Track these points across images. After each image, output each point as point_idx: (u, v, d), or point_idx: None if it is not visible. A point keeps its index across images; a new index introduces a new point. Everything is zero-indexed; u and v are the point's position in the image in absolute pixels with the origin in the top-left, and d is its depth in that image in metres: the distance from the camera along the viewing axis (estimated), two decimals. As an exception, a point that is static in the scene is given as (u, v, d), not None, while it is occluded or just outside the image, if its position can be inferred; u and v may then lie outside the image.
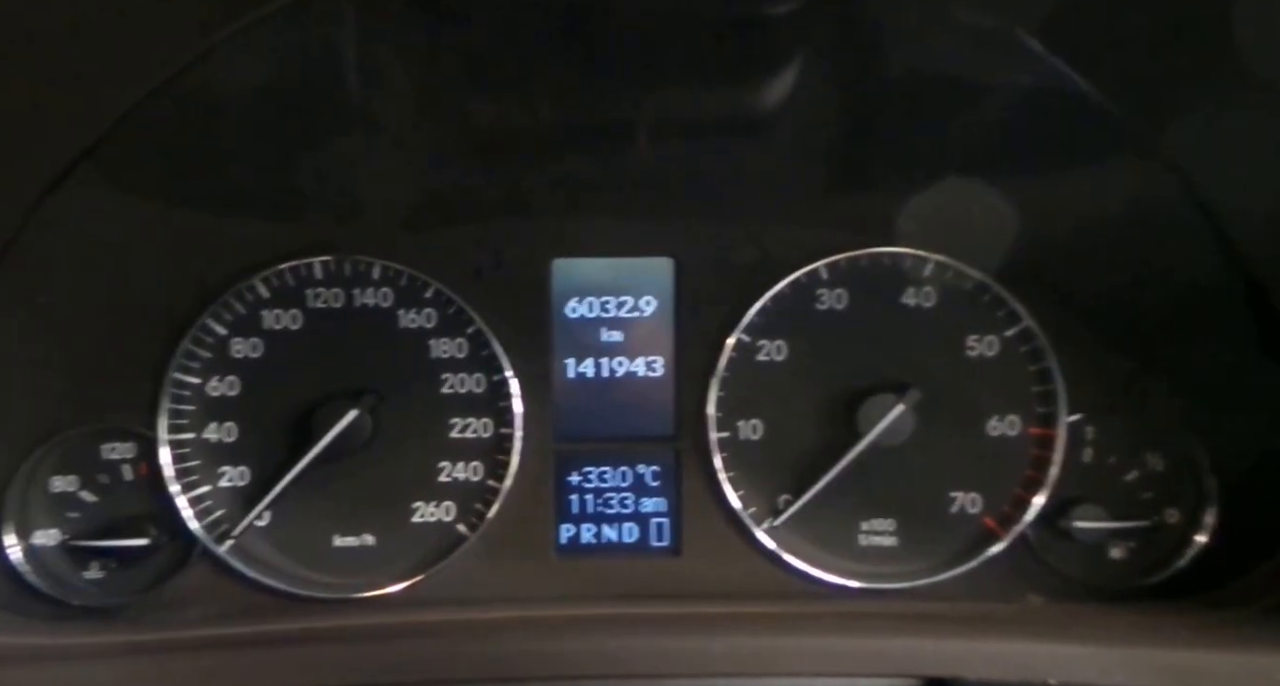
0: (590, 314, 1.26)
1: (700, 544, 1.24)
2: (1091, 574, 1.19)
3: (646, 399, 1.27)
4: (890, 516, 1.23)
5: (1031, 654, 0.91)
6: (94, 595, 1.16)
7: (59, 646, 1.03)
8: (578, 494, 1.25)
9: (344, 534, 1.22)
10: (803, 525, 1.22)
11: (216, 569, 1.18)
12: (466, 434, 1.24)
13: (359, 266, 1.21)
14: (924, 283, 1.21)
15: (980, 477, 1.22)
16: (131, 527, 1.16)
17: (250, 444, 1.20)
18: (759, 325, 1.23)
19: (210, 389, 1.20)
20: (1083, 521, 1.16)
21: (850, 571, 1.20)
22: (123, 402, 1.17)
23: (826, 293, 1.22)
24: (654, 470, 1.26)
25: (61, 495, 1.17)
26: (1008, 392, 1.21)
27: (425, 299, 1.22)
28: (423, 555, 1.22)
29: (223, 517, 1.19)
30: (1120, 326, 1.18)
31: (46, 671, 0.96)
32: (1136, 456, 1.20)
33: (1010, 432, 1.21)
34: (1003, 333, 1.21)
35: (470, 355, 1.23)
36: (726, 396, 1.23)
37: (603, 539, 1.25)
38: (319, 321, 1.21)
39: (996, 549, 1.19)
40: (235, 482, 1.20)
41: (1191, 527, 1.16)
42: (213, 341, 1.20)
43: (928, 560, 1.21)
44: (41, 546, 1.15)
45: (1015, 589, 1.19)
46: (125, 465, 1.18)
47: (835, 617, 1.10)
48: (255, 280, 1.19)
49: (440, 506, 1.23)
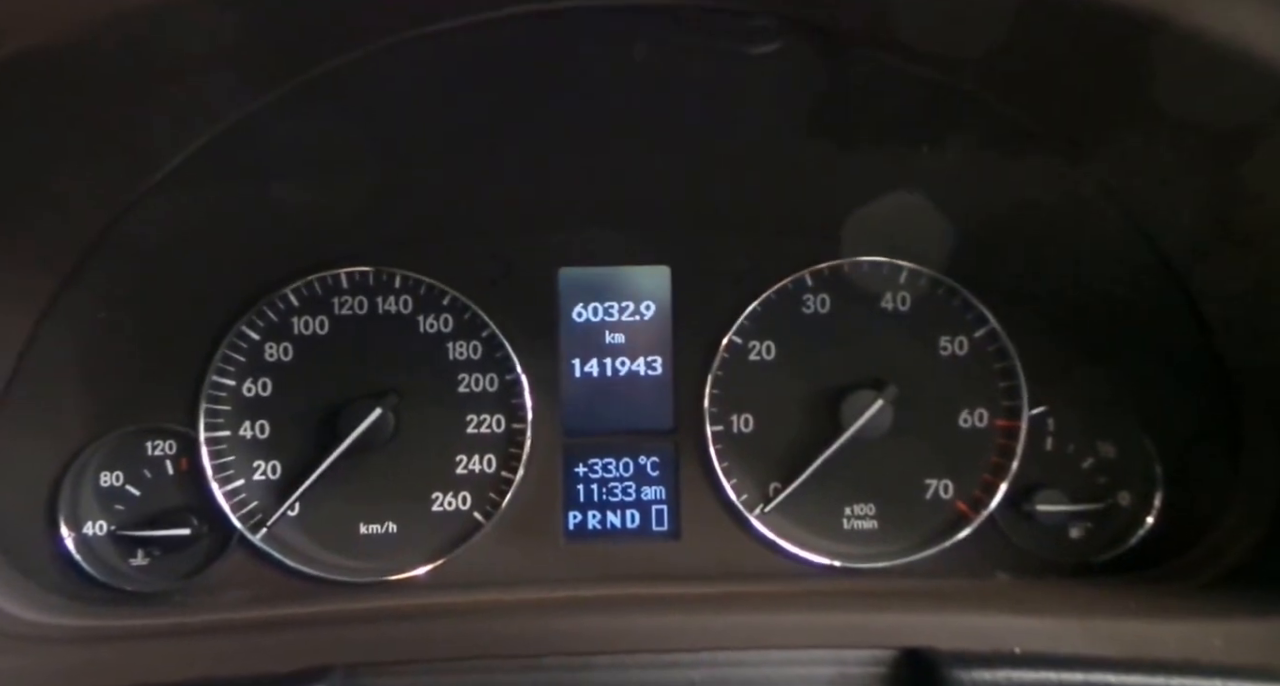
0: (595, 318, 1.30)
1: (697, 528, 1.28)
2: (1053, 552, 1.25)
3: (647, 396, 1.31)
4: (871, 501, 1.28)
5: (998, 625, 0.94)
6: (141, 581, 1.20)
7: (110, 627, 1.07)
8: (584, 483, 1.29)
9: (369, 522, 1.26)
10: (791, 510, 1.27)
11: (252, 556, 1.23)
12: (481, 429, 1.28)
13: (382, 276, 1.26)
14: (899, 288, 1.28)
15: (952, 465, 1.27)
16: (174, 518, 1.20)
17: (282, 440, 1.25)
18: (749, 328, 1.28)
19: (245, 390, 1.25)
20: (1044, 504, 1.22)
21: (835, 552, 1.25)
22: (165, 404, 1.22)
23: (811, 298, 1.28)
24: (654, 461, 1.30)
25: (109, 489, 1.21)
26: (976, 388, 1.27)
27: (443, 305, 1.27)
28: (441, 541, 1.26)
29: (257, 508, 1.24)
30: (1073, 328, 1.24)
31: (100, 650, 1.00)
32: (1092, 445, 1.26)
33: (979, 424, 1.27)
34: (971, 333, 1.27)
35: (484, 357, 1.28)
36: (720, 393, 1.28)
37: (607, 525, 1.29)
38: (345, 327, 1.26)
39: (967, 530, 1.25)
40: (268, 476, 1.25)
41: (1141, 509, 1.23)
42: (247, 346, 1.25)
43: (906, 541, 1.26)
44: (92, 536, 1.20)
45: (984, 566, 1.24)
46: (167, 461, 1.23)
47: (821, 595, 1.14)
48: (286, 290, 1.24)
49: (457, 496, 1.28)
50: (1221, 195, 0.94)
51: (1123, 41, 0.76)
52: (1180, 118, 0.80)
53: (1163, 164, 0.93)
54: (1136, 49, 0.76)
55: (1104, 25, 0.74)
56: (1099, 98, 0.88)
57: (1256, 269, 0.99)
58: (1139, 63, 0.77)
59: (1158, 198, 1.02)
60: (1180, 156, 0.90)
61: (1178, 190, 0.97)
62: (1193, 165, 0.90)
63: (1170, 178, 0.95)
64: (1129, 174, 0.99)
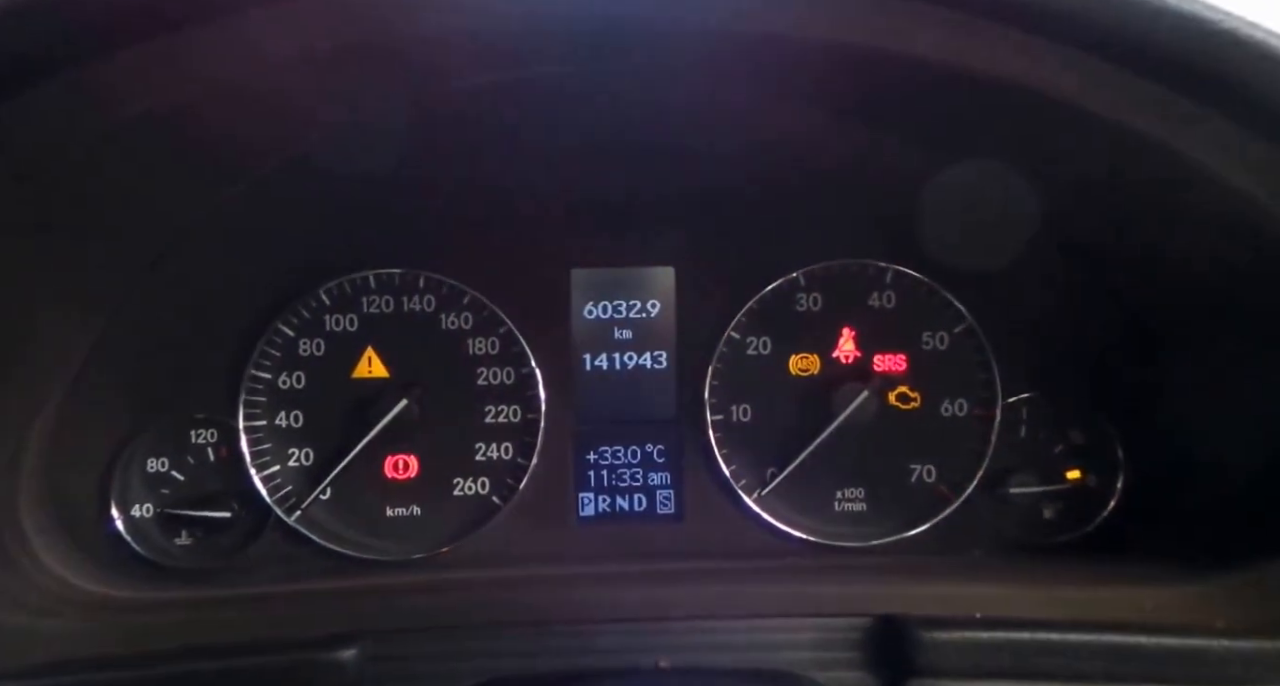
0: (604, 315, 1.36)
1: (699, 511, 1.34)
2: (1026, 531, 1.31)
3: (652, 388, 1.36)
4: (860, 485, 1.34)
5: (964, 594, 1.02)
6: (184, 559, 1.27)
7: (159, 599, 1.14)
8: (594, 469, 1.35)
9: (394, 506, 1.32)
10: (787, 494, 1.33)
11: (287, 536, 1.29)
12: (498, 419, 1.34)
13: (406, 277, 1.32)
14: (885, 288, 1.33)
15: (935, 451, 1.34)
16: (215, 501, 1.26)
17: (315, 429, 1.31)
18: (748, 324, 1.34)
19: (281, 382, 1.30)
20: (1018, 487, 1.29)
21: (826, 532, 1.32)
22: (208, 396, 1.29)
23: (804, 296, 1.34)
24: (659, 448, 1.35)
25: (156, 474, 1.27)
26: (956, 380, 1.33)
27: (463, 304, 1.32)
28: (462, 523, 1.32)
29: (291, 492, 1.29)
30: (1042, 326, 1.30)
31: (149, 617, 1.08)
32: (1061, 432, 1.33)
33: (959, 413, 1.33)
34: (951, 329, 1.33)
35: (501, 351, 1.33)
36: (720, 385, 1.34)
37: (616, 507, 1.35)
38: (372, 324, 1.32)
39: (947, 511, 1.31)
40: (302, 462, 1.31)
41: (1106, 491, 1.30)
42: (283, 342, 1.30)
43: (891, 522, 1.33)
44: (140, 517, 1.26)
45: (963, 544, 1.31)
46: (209, 448, 1.29)
47: (807, 569, 1.21)
48: (319, 290, 1.30)
49: (477, 481, 1.33)
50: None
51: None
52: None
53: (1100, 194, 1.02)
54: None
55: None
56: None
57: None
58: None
59: (1098, 230, 1.12)
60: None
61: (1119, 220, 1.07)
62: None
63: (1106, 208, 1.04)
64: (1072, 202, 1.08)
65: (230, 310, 1.28)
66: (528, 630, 1.00)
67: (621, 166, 1.22)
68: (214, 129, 0.92)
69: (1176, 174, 0.86)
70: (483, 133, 1.14)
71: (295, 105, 0.94)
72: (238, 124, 0.93)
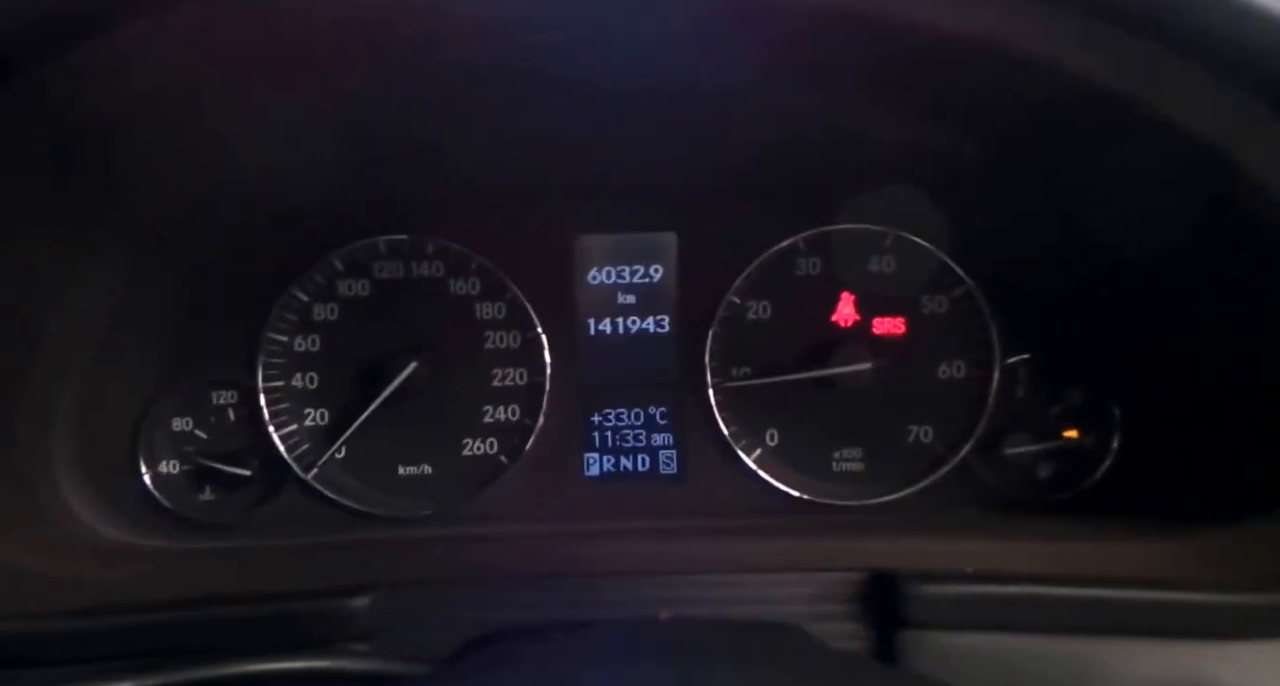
0: (608, 281, 1.38)
1: (701, 471, 1.37)
2: (1022, 489, 1.33)
3: (655, 351, 1.37)
4: (858, 446, 1.36)
5: (956, 550, 1.05)
6: (208, 513, 1.32)
7: (184, 549, 1.21)
8: (599, 430, 1.38)
9: (406, 464, 1.36)
10: (785, 454, 1.36)
11: (304, 493, 1.33)
12: (506, 382, 1.36)
13: (416, 243, 1.35)
14: (884, 253, 1.34)
15: (932, 413, 1.35)
16: (237, 459, 1.31)
17: (329, 390, 1.34)
18: (748, 289, 1.35)
19: (297, 345, 1.34)
20: (1014, 447, 1.30)
21: (825, 491, 1.34)
22: (228, 358, 1.32)
23: (803, 261, 1.35)
24: (662, 410, 1.38)
25: (181, 433, 1.32)
26: (954, 342, 1.34)
27: (471, 270, 1.35)
28: (471, 481, 1.36)
29: (308, 451, 1.34)
30: (1041, 288, 1.31)
31: (175, 566, 1.15)
32: (1058, 393, 1.34)
33: (957, 375, 1.35)
34: (950, 293, 1.34)
35: (508, 316, 1.36)
36: (720, 348, 1.36)
37: (620, 467, 1.38)
38: (384, 289, 1.35)
39: (944, 470, 1.33)
40: (318, 422, 1.35)
41: (1102, 451, 1.31)
42: (298, 306, 1.34)
43: (888, 481, 1.34)
44: (167, 473, 1.32)
45: (959, 503, 1.33)
46: (230, 408, 1.33)
47: (804, 527, 1.23)
48: (332, 256, 1.33)
49: (485, 441, 1.37)
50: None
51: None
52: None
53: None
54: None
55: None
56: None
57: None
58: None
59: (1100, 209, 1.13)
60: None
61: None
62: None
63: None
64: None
65: (247, 276, 1.32)
66: (533, 583, 1.04)
67: (625, 136, 1.23)
68: (228, 96, 0.95)
69: (1161, 131, 0.86)
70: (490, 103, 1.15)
71: (304, 72, 0.96)
72: (249, 91, 0.96)
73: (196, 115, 0.97)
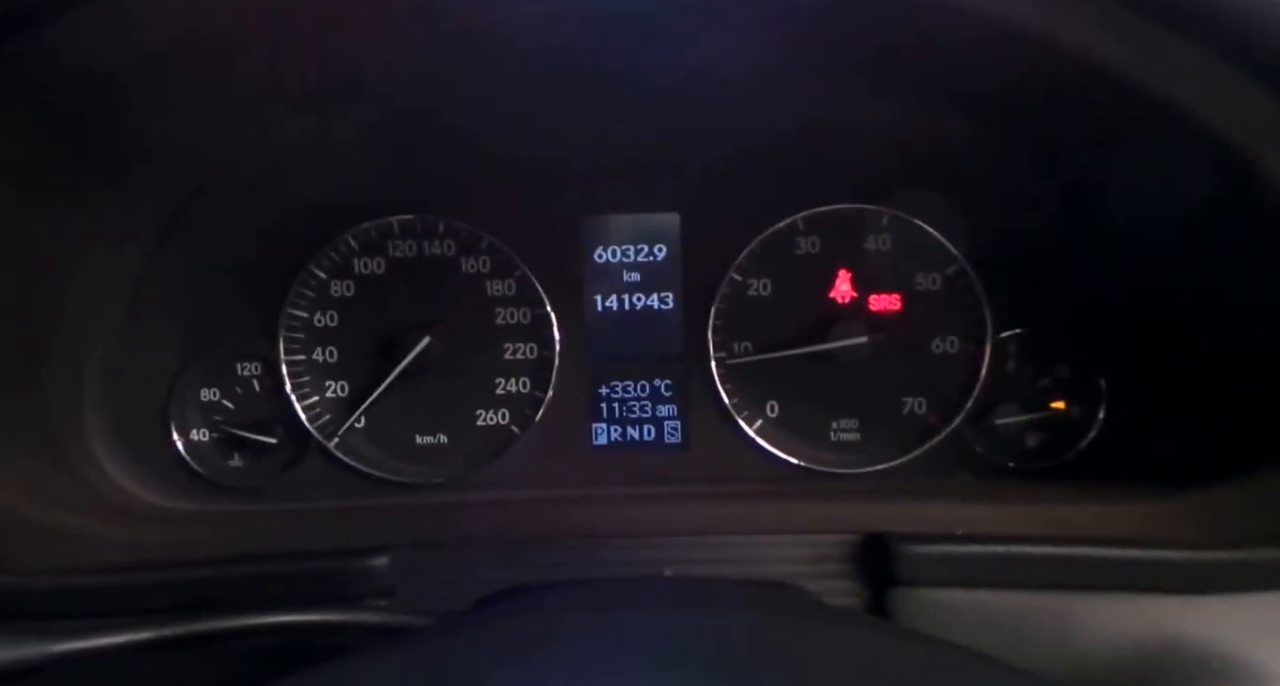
0: (614, 259, 1.41)
1: (704, 440, 1.41)
2: (1010, 457, 1.37)
3: (660, 326, 1.41)
4: (855, 417, 1.40)
5: (947, 514, 1.08)
6: (237, 479, 1.37)
7: (216, 511, 1.27)
8: (606, 402, 1.42)
9: (423, 434, 1.41)
10: (785, 424, 1.40)
11: (327, 460, 1.38)
12: (517, 356, 1.41)
13: (428, 223, 1.38)
14: (881, 231, 1.38)
15: (926, 385, 1.39)
16: (263, 428, 1.36)
17: (349, 363, 1.39)
18: (749, 266, 1.39)
19: (316, 320, 1.39)
20: (1004, 417, 1.35)
21: (822, 460, 1.38)
22: (251, 331, 1.37)
23: (803, 240, 1.38)
24: (666, 382, 1.42)
25: (209, 403, 1.37)
26: (948, 318, 1.38)
27: (482, 248, 1.39)
28: (485, 450, 1.40)
29: (330, 421, 1.38)
30: (1031, 265, 1.34)
31: (207, 527, 1.20)
32: (1048, 366, 1.37)
33: (950, 350, 1.38)
34: (944, 270, 1.37)
35: (518, 293, 1.39)
36: (723, 324, 1.39)
37: (627, 437, 1.42)
38: (398, 267, 1.39)
39: (936, 440, 1.37)
40: (338, 394, 1.39)
41: (1088, 421, 1.35)
42: (316, 283, 1.38)
43: (884, 450, 1.39)
44: (197, 441, 1.37)
45: (951, 471, 1.37)
46: (255, 380, 1.38)
47: (802, 492, 1.27)
48: (348, 234, 1.37)
49: (498, 413, 1.41)
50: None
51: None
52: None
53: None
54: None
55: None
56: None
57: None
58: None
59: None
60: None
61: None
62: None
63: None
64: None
65: (267, 252, 1.36)
66: (543, 544, 1.08)
67: (631, 120, 1.27)
68: (244, 57, 0.98)
69: (1162, 116, 0.89)
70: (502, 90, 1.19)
71: (319, 40, 1.00)
72: (265, 53, 1.00)
73: (216, 78, 1.00)
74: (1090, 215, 1.29)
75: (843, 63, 1.13)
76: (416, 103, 1.21)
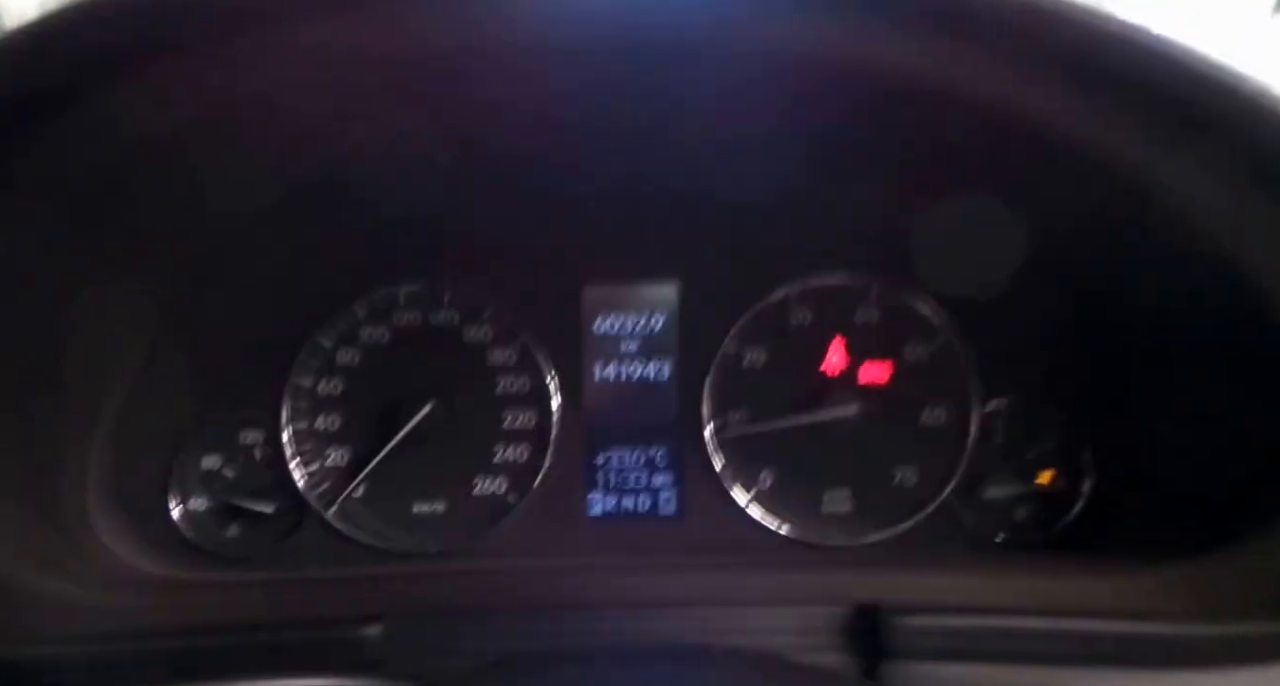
0: (613, 329, 1.43)
1: (699, 511, 1.41)
2: (1000, 530, 1.38)
3: (656, 395, 1.42)
4: (847, 487, 1.41)
5: (938, 585, 1.09)
6: (233, 547, 1.36)
7: (211, 580, 1.26)
8: (603, 471, 1.42)
9: (420, 502, 1.41)
10: (778, 495, 1.41)
11: (324, 529, 1.37)
12: (516, 424, 1.42)
13: (434, 293, 1.41)
14: (870, 304, 1.41)
15: (916, 456, 1.40)
16: (261, 496, 1.36)
17: (350, 431, 1.40)
18: (744, 337, 1.41)
19: (320, 388, 1.40)
20: (993, 489, 1.36)
21: (816, 531, 1.38)
22: (256, 400, 1.39)
23: (796, 311, 1.41)
24: (662, 452, 1.42)
25: (209, 471, 1.37)
26: (936, 389, 1.40)
27: (484, 318, 1.41)
28: (481, 519, 1.40)
29: (328, 489, 1.38)
30: (1018, 340, 1.37)
31: (202, 595, 1.19)
32: (1034, 439, 1.39)
33: (938, 421, 1.40)
34: (932, 343, 1.40)
35: (519, 362, 1.41)
36: (718, 393, 1.41)
37: (622, 507, 1.42)
38: (403, 335, 1.41)
39: (927, 511, 1.38)
40: (338, 462, 1.40)
41: (1075, 494, 1.37)
42: (322, 352, 1.40)
43: (876, 521, 1.39)
44: (195, 509, 1.37)
45: (941, 542, 1.37)
46: (257, 448, 1.39)
47: (795, 563, 1.28)
48: (355, 305, 1.40)
49: (495, 481, 1.41)
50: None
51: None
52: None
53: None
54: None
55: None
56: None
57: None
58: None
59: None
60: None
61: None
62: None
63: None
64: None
65: (275, 322, 1.39)
66: (538, 614, 1.08)
67: (631, 195, 1.32)
68: (253, 141, 1.03)
69: (1150, 210, 0.93)
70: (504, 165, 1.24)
71: (326, 123, 1.04)
72: (274, 138, 1.04)
73: (232, 156, 1.05)
74: (1071, 294, 1.34)
75: (841, 144, 1.17)
76: (422, 180, 1.25)
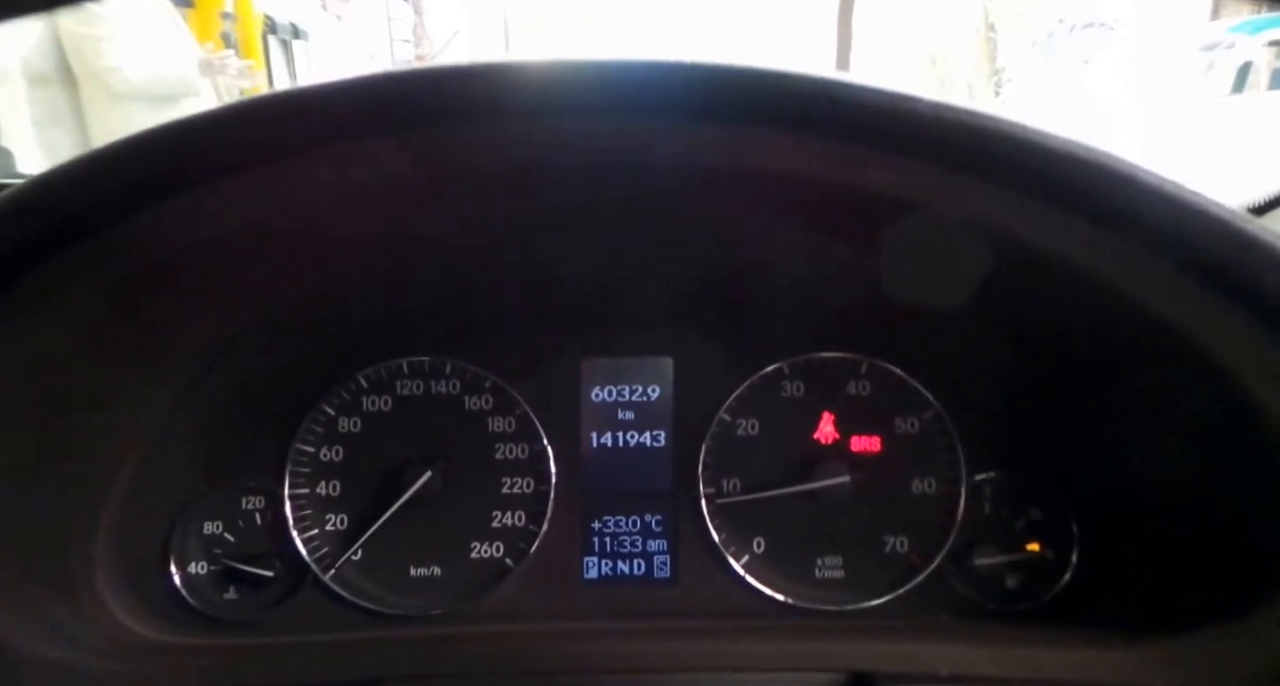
0: (610, 399, 1.48)
1: (693, 575, 1.44)
2: (990, 598, 1.41)
3: (651, 464, 1.46)
4: (840, 554, 1.43)
5: (930, 653, 1.10)
6: (231, 611, 1.38)
7: (207, 645, 1.26)
8: (599, 536, 1.45)
9: (418, 566, 1.43)
10: (772, 561, 1.43)
11: (322, 593, 1.39)
12: (513, 490, 1.44)
13: (435, 364, 1.45)
14: (860, 378, 1.45)
15: (907, 524, 1.43)
16: (260, 561, 1.38)
17: (350, 497, 1.42)
18: (737, 408, 1.45)
19: (322, 455, 1.43)
20: (983, 558, 1.39)
21: (808, 596, 1.41)
22: (259, 467, 1.41)
23: (788, 384, 1.46)
24: (657, 518, 1.45)
25: (210, 536, 1.39)
26: (926, 460, 1.43)
27: (484, 388, 1.45)
28: (478, 583, 1.42)
29: (327, 554, 1.40)
30: (1005, 414, 1.41)
31: (199, 661, 1.19)
32: (1022, 509, 1.43)
33: (929, 491, 1.43)
34: (921, 415, 1.44)
35: (518, 430, 1.45)
36: (712, 462, 1.44)
37: (617, 571, 1.45)
38: (404, 404, 1.44)
39: (918, 579, 1.40)
40: (337, 527, 1.42)
41: (1063, 563, 1.39)
42: (325, 420, 1.43)
43: (868, 588, 1.41)
44: (195, 574, 1.38)
45: (932, 609, 1.39)
46: (257, 514, 1.41)
47: (788, 629, 1.29)
48: (358, 375, 1.44)
49: (492, 545, 1.44)
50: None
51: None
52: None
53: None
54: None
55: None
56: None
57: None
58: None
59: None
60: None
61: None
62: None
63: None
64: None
65: (280, 392, 1.42)
66: (534, 679, 1.10)
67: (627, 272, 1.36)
68: (280, 248, 1.09)
69: (1110, 302, 0.97)
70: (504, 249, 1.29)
71: (356, 228, 1.10)
72: (300, 247, 1.11)
73: (252, 261, 1.10)
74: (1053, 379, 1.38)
75: (833, 235, 1.22)
76: (428, 260, 1.30)
